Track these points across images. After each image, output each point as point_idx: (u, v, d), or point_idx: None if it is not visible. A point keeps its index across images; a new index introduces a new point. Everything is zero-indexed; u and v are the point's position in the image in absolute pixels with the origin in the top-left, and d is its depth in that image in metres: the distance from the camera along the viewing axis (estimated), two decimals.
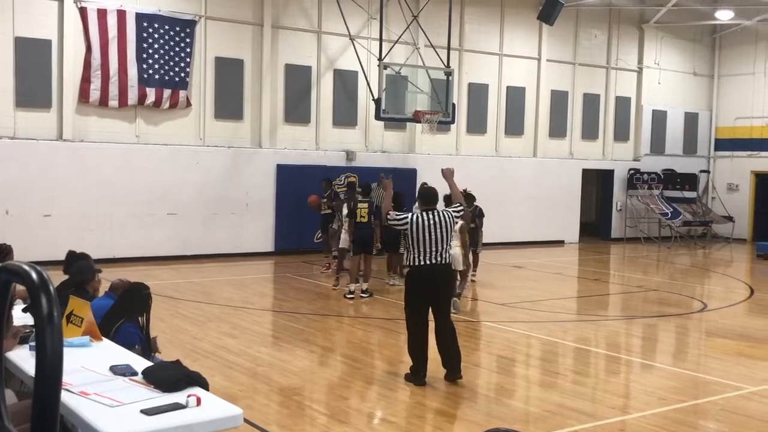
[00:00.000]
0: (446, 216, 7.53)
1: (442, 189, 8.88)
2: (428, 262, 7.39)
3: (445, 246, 7.46)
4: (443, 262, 7.49)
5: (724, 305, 13.04)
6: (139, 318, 5.62)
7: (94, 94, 15.34)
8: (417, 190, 12.38)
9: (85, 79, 15.26)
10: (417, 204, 11.85)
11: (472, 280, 13.86)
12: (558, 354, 9.38)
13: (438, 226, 7.43)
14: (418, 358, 7.56)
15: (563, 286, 15.15)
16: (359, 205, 12.95)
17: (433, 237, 7.39)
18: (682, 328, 11.40)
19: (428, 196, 7.91)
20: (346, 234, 12.95)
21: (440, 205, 12.19)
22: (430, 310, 7.61)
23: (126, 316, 5.51)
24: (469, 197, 12.34)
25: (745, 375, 8.32)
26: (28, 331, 4.78)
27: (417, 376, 7.51)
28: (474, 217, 13.18)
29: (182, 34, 16.32)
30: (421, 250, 7.39)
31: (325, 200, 15.19)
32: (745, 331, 10.90)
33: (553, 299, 13.17)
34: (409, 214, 7.58)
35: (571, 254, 20.61)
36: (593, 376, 8.49)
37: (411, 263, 7.49)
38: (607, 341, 10.38)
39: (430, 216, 7.47)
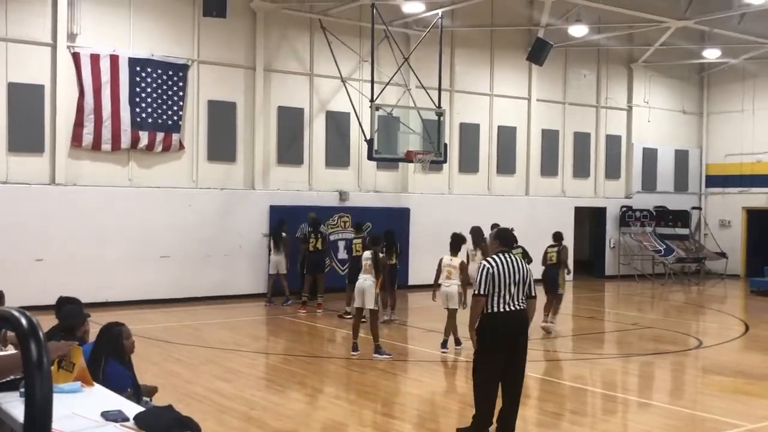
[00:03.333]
0: (523, 263, 7.09)
1: (435, 227, 8.82)
2: (507, 309, 6.87)
3: (522, 292, 6.93)
4: (522, 307, 6.99)
5: (720, 342, 13.00)
6: (129, 359, 5.59)
7: (87, 138, 15.38)
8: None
9: (78, 124, 15.31)
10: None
11: None
12: (554, 393, 9.31)
13: (517, 270, 6.92)
14: (490, 414, 7.01)
15: (558, 324, 15.08)
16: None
17: (510, 281, 6.86)
18: (679, 365, 11.35)
19: (507, 238, 7.31)
20: (378, 293, 11.31)
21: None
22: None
23: (103, 354, 5.49)
24: (460, 238, 12.03)
25: (742, 412, 8.27)
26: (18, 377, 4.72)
27: (483, 430, 7.01)
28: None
29: (175, 78, 16.43)
30: (500, 295, 6.84)
31: (312, 238, 15.20)
32: (741, 368, 10.85)
33: (548, 338, 13.11)
34: (486, 265, 6.93)
35: (565, 292, 20.49)
36: (590, 415, 8.43)
37: (488, 309, 6.87)
38: (604, 379, 10.32)
39: (507, 259, 6.97)
